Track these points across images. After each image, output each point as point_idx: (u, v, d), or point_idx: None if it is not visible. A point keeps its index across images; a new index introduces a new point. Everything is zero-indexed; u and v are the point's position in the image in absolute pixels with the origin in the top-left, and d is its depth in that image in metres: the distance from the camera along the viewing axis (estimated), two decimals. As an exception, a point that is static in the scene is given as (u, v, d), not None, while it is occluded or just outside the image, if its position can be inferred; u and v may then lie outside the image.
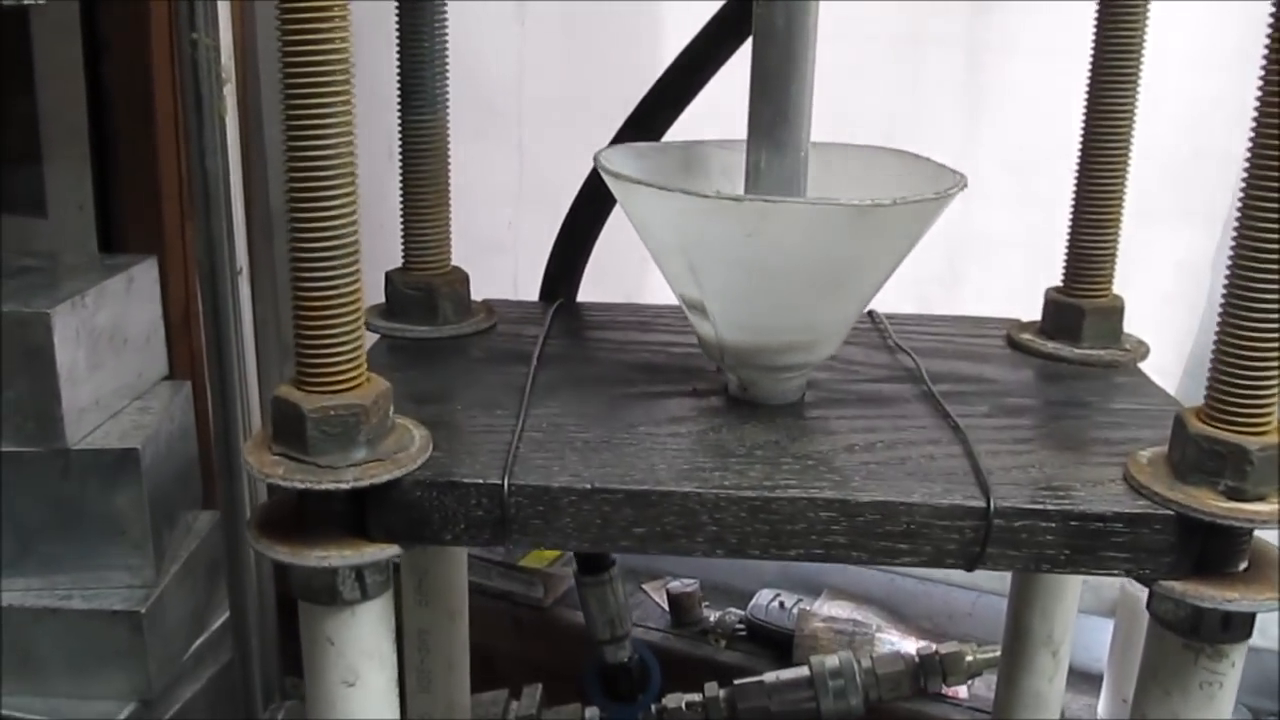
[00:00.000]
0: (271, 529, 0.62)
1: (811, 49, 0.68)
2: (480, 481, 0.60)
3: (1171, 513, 0.59)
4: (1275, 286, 0.57)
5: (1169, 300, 1.12)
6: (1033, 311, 0.88)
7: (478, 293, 0.89)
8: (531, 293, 0.95)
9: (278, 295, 1.60)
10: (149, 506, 1.22)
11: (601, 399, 0.73)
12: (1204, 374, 0.61)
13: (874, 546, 0.60)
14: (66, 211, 1.59)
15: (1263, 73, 0.56)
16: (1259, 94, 0.56)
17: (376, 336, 0.84)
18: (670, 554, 0.62)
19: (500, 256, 1.49)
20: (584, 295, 0.95)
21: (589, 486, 0.60)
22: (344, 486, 0.58)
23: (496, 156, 1.47)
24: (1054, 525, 0.60)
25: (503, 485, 0.60)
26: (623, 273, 0.94)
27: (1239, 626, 0.60)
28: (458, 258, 0.87)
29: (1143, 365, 0.83)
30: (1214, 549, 0.60)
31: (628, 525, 0.60)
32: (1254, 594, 0.59)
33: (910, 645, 1.30)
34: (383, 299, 0.86)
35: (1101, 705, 1.28)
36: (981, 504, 0.60)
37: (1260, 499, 0.59)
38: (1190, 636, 0.61)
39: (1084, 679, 1.31)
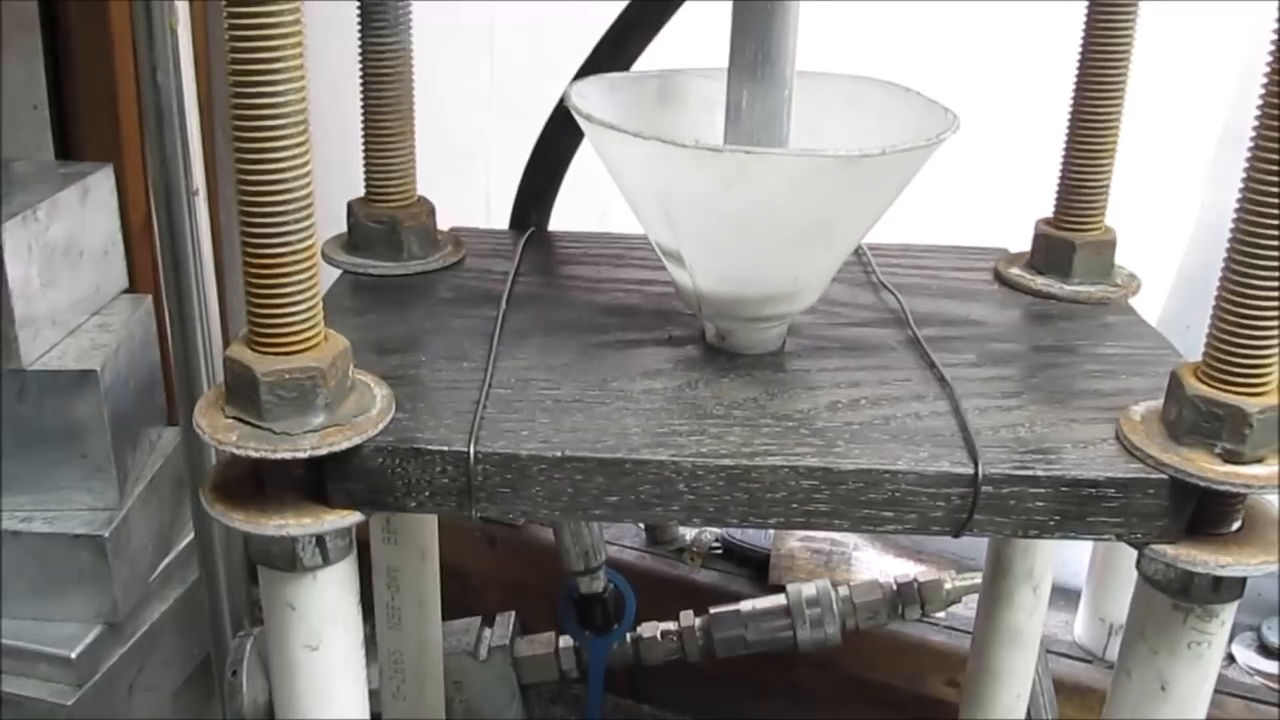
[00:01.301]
0: (227, 492, 0.59)
1: (797, -20, 0.63)
2: (445, 449, 0.57)
3: (1165, 477, 0.57)
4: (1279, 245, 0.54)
5: (1157, 215, 1.08)
6: (1020, 231, 0.85)
7: (449, 200, 0.85)
8: (504, 203, 0.91)
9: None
10: (110, 427, 1.19)
11: (573, 348, 0.69)
12: (1192, 293, 0.58)
13: (857, 515, 0.58)
14: (21, 111, 1.52)
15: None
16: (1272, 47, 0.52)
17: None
18: (645, 522, 0.59)
19: (472, 164, 1.44)
20: (559, 205, 0.91)
21: (559, 454, 0.57)
22: (300, 455, 0.55)
23: (466, 61, 1.41)
24: (1044, 491, 0.58)
25: (468, 452, 0.57)
26: (600, 185, 0.90)
27: (1231, 587, 0.59)
28: (428, 166, 0.83)
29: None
30: (1208, 511, 0.59)
31: (600, 494, 0.58)
32: (1248, 557, 0.58)
33: (888, 563, 1.29)
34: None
35: (1078, 623, 1.28)
36: (969, 471, 0.57)
37: (1258, 461, 0.57)
38: (1180, 597, 0.59)
39: (1060, 594, 1.30)
